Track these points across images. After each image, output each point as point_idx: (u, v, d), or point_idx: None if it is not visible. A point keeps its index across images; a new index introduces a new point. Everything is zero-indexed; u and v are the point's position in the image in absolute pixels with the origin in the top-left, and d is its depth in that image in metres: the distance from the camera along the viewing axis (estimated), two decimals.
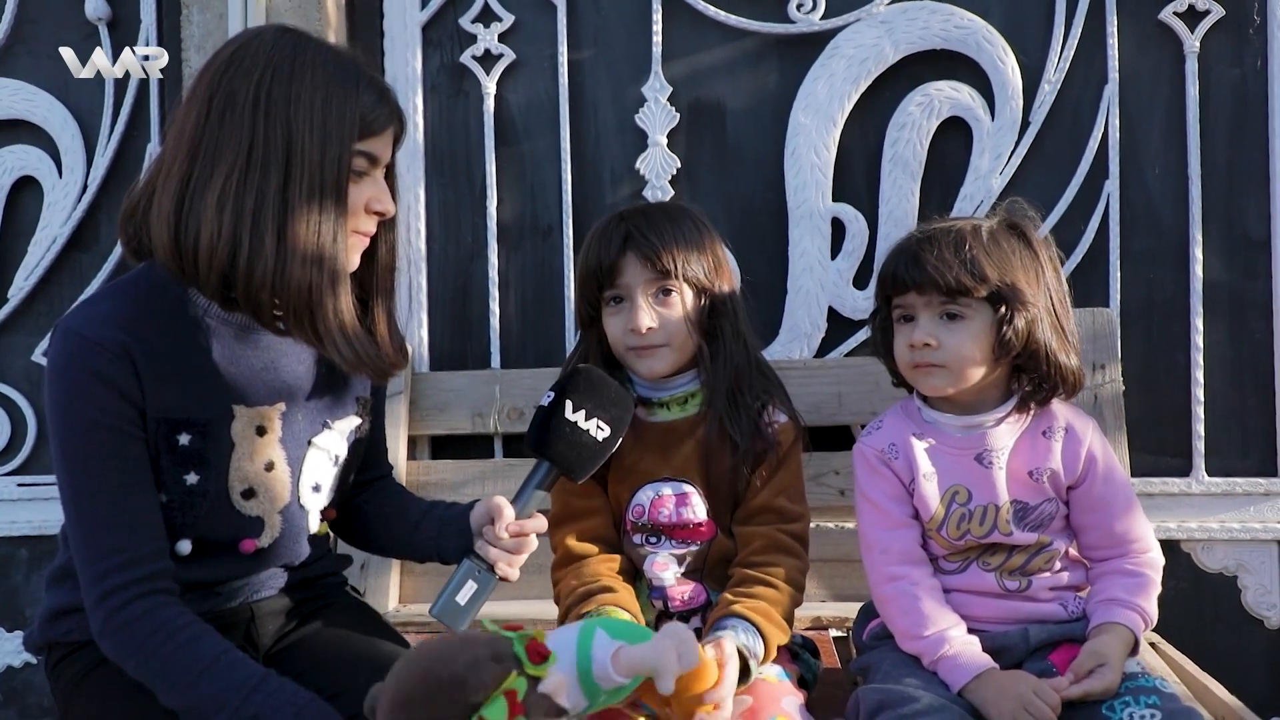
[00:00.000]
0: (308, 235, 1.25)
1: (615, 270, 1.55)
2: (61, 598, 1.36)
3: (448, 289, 2.43)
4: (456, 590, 1.37)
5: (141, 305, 1.28)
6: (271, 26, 1.33)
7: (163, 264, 1.27)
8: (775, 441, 1.57)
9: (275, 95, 1.25)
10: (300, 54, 1.28)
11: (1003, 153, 2.22)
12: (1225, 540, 2.19)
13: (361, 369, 1.35)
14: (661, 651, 1.15)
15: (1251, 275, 2.20)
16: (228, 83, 1.26)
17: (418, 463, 2.31)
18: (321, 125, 1.25)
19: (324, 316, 1.28)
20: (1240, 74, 2.20)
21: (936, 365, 1.47)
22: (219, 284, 1.26)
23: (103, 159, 2.47)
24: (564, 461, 1.40)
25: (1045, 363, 1.46)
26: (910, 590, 1.47)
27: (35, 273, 2.48)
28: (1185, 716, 1.32)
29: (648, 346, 1.55)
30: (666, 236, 1.54)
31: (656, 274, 1.54)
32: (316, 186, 1.25)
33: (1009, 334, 1.44)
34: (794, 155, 2.27)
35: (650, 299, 1.55)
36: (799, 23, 2.28)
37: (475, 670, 1.09)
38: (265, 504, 1.38)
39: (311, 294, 1.26)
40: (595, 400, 1.41)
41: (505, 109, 2.40)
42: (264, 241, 1.23)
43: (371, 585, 2.19)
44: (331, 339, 1.30)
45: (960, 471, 1.50)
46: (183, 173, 1.25)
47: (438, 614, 1.37)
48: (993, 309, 1.45)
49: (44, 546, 2.50)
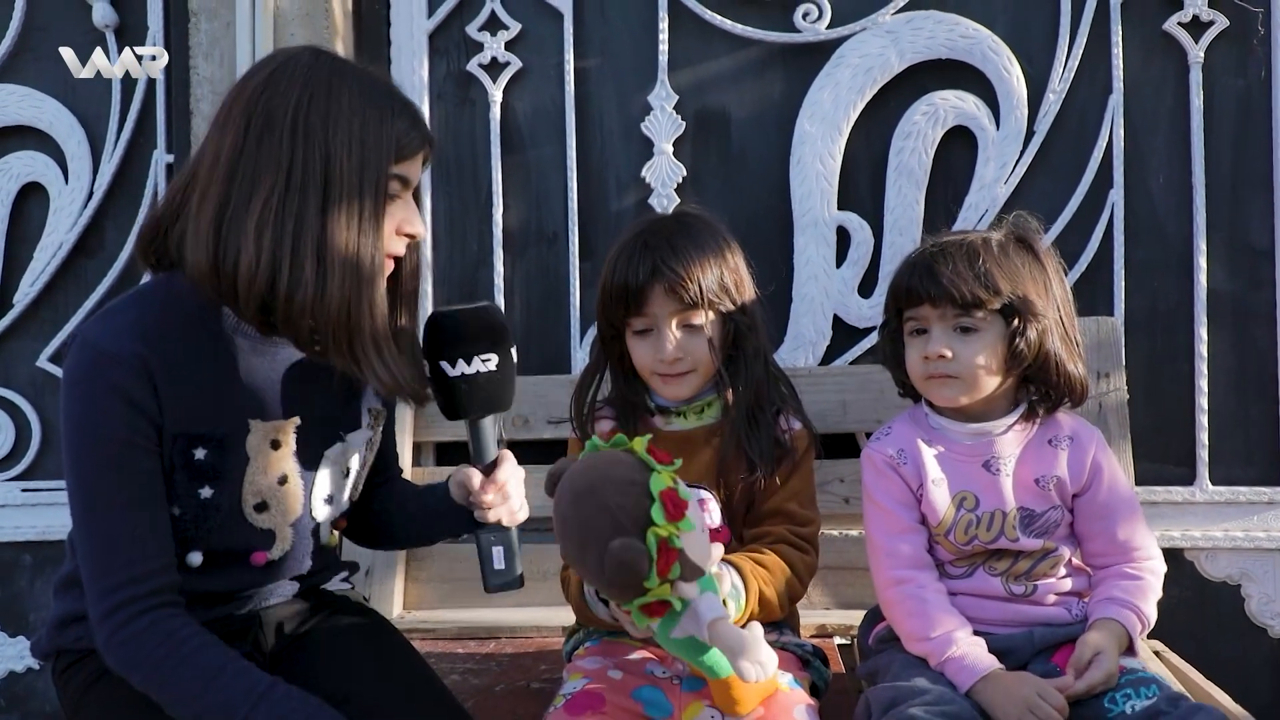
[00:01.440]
0: (346, 259, 1.24)
1: (642, 299, 1.55)
2: (70, 605, 1.36)
3: (453, 296, 2.43)
4: (489, 561, 1.43)
5: (161, 317, 1.28)
6: (307, 49, 1.32)
7: (195, 282, 1.26)
8: (791, 448, 1.59)
9: (313, 118, 1.24)
10: (337, 77, 1.27)
11: (1008, 162, 2.23)
12: (1229, 549, 2.19)
13: (399, 393, 1.35)
14: (747, 648, 1.20)
15: (1255, 284, 2.21)
16: (265, 104, 1.25)
17: (423, 469, 2.31)
18: (360, 148, 1.25)
19: (362, 341, 1.27)
20: (1244, 84, 2.21)
21: (950, 376, 1.49)
22: (259, 308, 1.25)
23: (109, 165, 2.48)
24: (483, 407, 1.42)
25: (1055, 372, 1.48)
26: (917, 593, 1.48)
27: (41, 279, 2.49)
28: (1184, 701, 1.34)
29: (676, 374, 1.57)
30: (693, 264, 1.53)
31: (684, 305, 1.54)
32: (356, 210, 1.25)
33: (1021, 345, 1.45)
34: (799, 164, 2.28)
35: (678, 328, 1.56)
36: (805, 32, 2.28)
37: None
38: (277, 517, 1.37)
39: (350, 318, 1.26)
40: (461, 343, 1.38)
41: (511, 117, 2.41)
42: (304, 266, 1.22)
43: (377, 591, 2.19)
44: (369, 363, 1.29)
45: (968, 478, 1.51)
46: (220, 195, 1.24)
47: (492, 588, 1.44)
48: (1005, 321, 1.47)
49: (48, 552, 2.50)
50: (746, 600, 1.41)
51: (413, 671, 1.45)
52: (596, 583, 1.27)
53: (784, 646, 1.57)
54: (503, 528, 1.42)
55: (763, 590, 1.44)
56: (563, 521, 1.24)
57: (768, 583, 1.46)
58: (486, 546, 1.43)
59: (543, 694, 1.67)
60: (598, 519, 1.19)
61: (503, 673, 1.83)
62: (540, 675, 1.81)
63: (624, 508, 1.19)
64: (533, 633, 2.05)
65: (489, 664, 1.89)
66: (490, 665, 1.88)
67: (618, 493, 1.20)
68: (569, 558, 1.27)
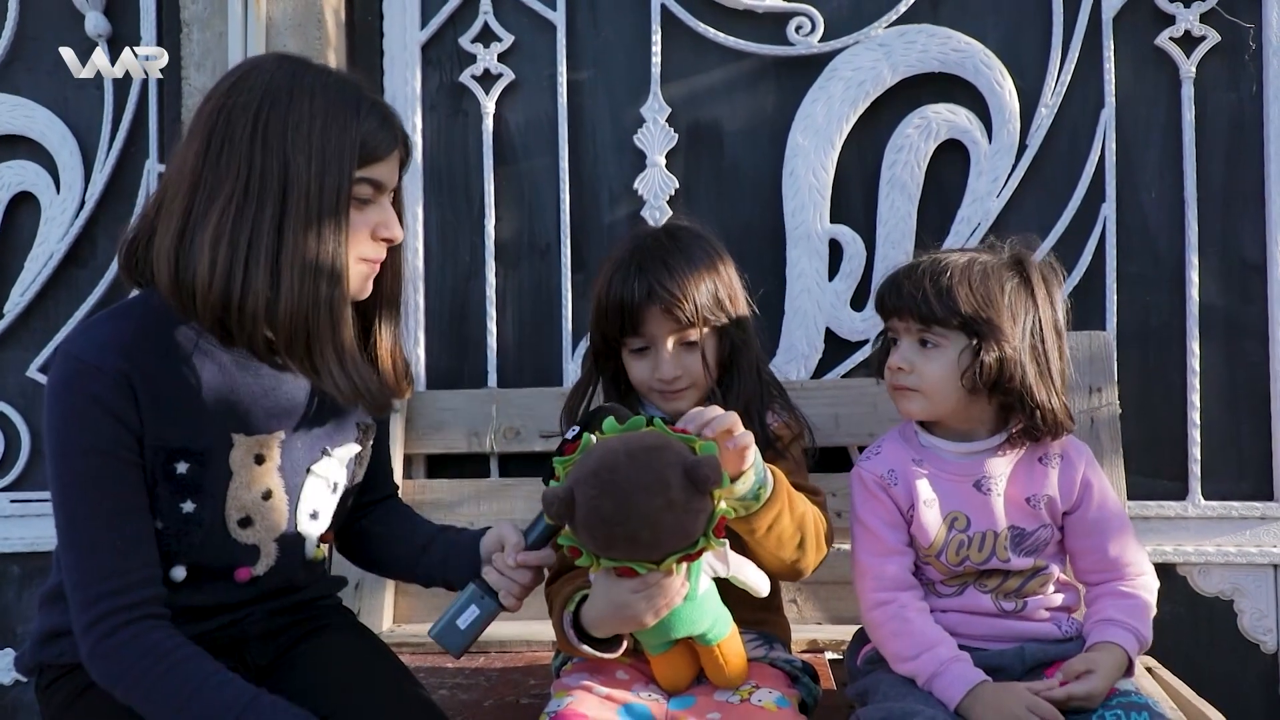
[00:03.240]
0: (304, 269, 1.24)
1: (638, 320, 1.55)
2: (54, 619, 1.35)
3: (445, 308, 2.43)
4: (459, 614, 1.37)
5: (142, 331, 1.28)
6: (272, 56, 1.33)
7: (165, 298, 1.26)
8: (776, 437, 1.60)
9: (272, 126, 1.24)
10: (298, 82, 1.26)
11: (1000, 176, 2.23)
12: (1221, 564, 2.19)
13: (359, 401, 1.34)
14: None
15: (1247, 299, 2.21)
16: (226, 114, 1.25)
17: (414, 482, 2.30)
18: (320, 154, 1.24)
19: (320, 350, 1.27)
20: (1236, 99, 2.21)
21: (911, 390, 1.50)
22: (216, 321, 1.24)
23: (101, 175, 2.47)
24: None
25: (1021, 401, 1.46)
26: (900, 613, 1.48)
27: (32, 288, 2.48)
28: None
29: (674, 391, 1.58)
30: (687, 283, 1.54)
31: (681, 325, 1.55)
32: (315, 217, 1.24)
33: (977, 368, 1.44)
34: (792, 176, 2.28)
35: (674, 348, 1.57)
36: (798, 45, 2.29)
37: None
38: (262, 532, 1.37)
39: (308, 327, 1.25)
40: None
41: (504, 129, 2.41)
42: (257, 277, 1.22)
43: (366, 605, 2.17)
44: (328, 372, 1.28)
45: (959, 498, 1.51)
46: (182, 208, 1.24)
47: (436, 636, 1.38)
48: (968, 341, 1.46)
49: (36, 564, 2.49)
50: (775, 481, 1.40)
51: (399, 688, 1.44)
52: (667, 524, 1.23)
53: (773, 662, 1.56)
54: (494, 598, 1.38)
55: (791, 494, 1.44)
56: (618, 477, 1.21)
57: (795, 493, 1.46)
58: (469, 601, 1.38)
59: (531, 709, 1.66)
60: (662, 456, 1.22)
61: (491, 688, 1.82)
62: (529, 690, 1.80)
63: (673, 441, 1.25)
64: (522, 647, 2.04)
65: (478, 679, 1.88)
66: (479, 680, 1.87)
67: (654, 436, 1.26)
68: (629, 514, 1.21)
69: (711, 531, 1.25)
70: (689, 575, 1.35)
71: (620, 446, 1.24)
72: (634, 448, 1.23)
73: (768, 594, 1.45)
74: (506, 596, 1.38)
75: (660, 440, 1.25)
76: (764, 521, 1.39)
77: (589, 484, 1.22)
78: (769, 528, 1.40)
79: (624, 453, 1.23)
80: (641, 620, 1.33)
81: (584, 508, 1.22)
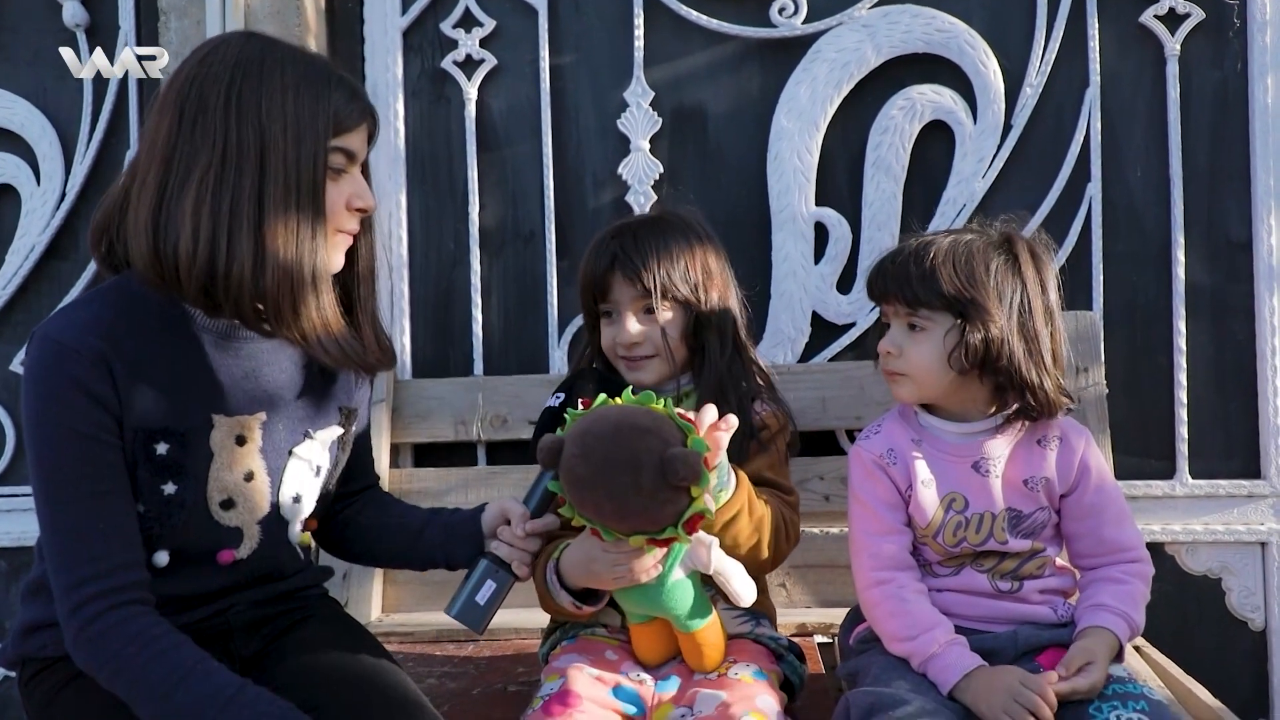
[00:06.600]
0: (286, 235, 1.25)
1: (605, 287, 1.63)
2: (36, 612, 1.34)
3: (430, 296, 2.42)
4: (475, 590, 1.42)
5: (120, 313, 1.27)
6: (237, 32, 1.34)
7: (142, 274, 1.26)
8: (760, 428, 1.61)
9: (246, 96, 1.25)
10: (269, 55, 1.28)
11: (985, 156, 2.22)
12: (1209, 543, 2.19)
13: (348, 365, 1.37)
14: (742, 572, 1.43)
15: (1233, 278, 2.20)
16: (198, 88, 1.25)
17: (400, 471, 2.30)
18: (295, 123, 1.26)
19: (307, 315, 1.29)
20: (1221, 76, 2.21)
21: (900, 373, 1.50)
22: (200, 290, 1.25)
23: (81, 166, 2.45)
24: None
25: (1011, 381, 1.45)
26: (898, 593, 1.47)
27: (14, 281, 2.46)
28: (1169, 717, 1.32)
29: (636, 358, 1.62)
30: (650, 257, 1.60)
31: (640, 293, 1.60)
32: (293, 185, 1.26)
33: (963, 348, 1.44)
34: (777, 159, 2.27)
35: (637, 314, 1.61)
36: (781, 27, 2.27)
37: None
38: (244, 514, 1.36)
39: (294, 293, 1.27)
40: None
41: (487, 114, 2.40)
42: (241, 243, 1.23)
43: (354, 595, 2.17)
44: (316, 338, 1.30)
45: (958, 479, 1.50)
46: (158, 181, 1.24)
47: (457, 615, 1.43)
48: (954, 321, 1.46)
49: (22, 558, 2.48)
50: (738, 484, 1.44)
51: (386, 678, 1.42)
52: (632, 504, 1.26)
53: (758, 639, 1.57)
54: (508, 570, 1.43)
55: (751, 497, 1.47)
56: (599, 445, 1.26)
57: (756, 496, 1.49)
58: (483, 576, 1.43)
59: (520, 696, 1.66)
60: (644, 439, 1.25)
61: (480, 675, 1.82)
62: (518, 678, 1.79)
63: (667, 428, 1.27)
64: (510, 635, 2.04)
65: (466, 667, 1.87)
66: (468, 668, 1.87)
67: (651, 417, 1.28)
68: (597, 483, 1.26)
69: (683, 525, 1.27)
70: (663, 560, 1.38)
71: (614, 417, 1.28)
72: (624, 423, 1.27)
73: (749, 605, 1.47)
74: (520, 567, 1.44)
75: (653, 423, 1.27)
76: (718, 521, 1.43)
77: (575, 443, 1.28)
78: (724, 527, 1.44)
79: (613, 424, 1.27)
80: (600, 580, 1.40)
81: (565, 463, 1.29)
